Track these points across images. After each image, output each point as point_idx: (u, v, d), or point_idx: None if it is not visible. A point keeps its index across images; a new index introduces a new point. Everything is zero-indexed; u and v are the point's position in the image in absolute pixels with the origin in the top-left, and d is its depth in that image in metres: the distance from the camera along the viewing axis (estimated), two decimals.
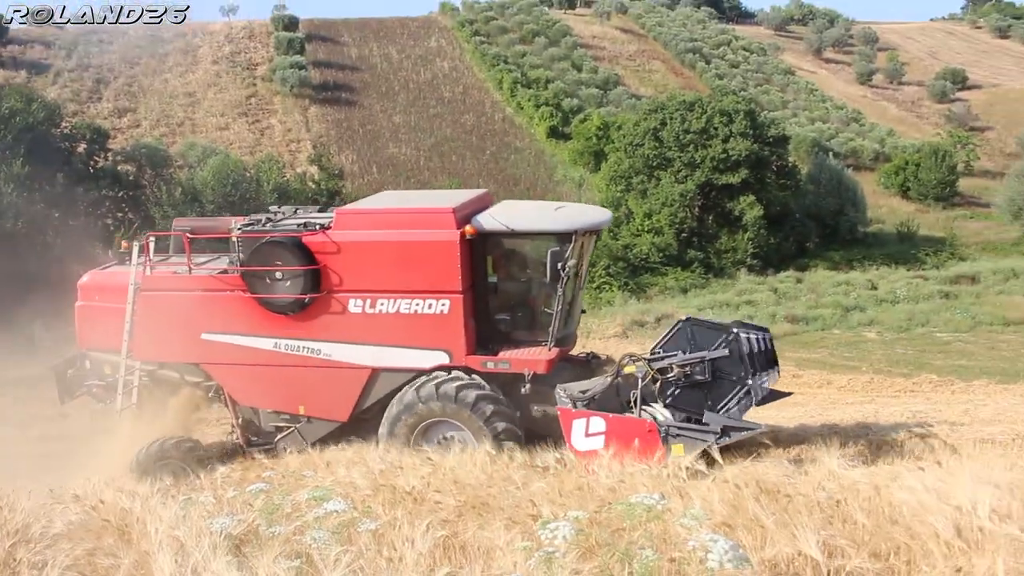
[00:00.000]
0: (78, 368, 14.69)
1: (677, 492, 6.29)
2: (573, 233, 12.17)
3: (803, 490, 6.15)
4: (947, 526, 4.45)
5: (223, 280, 13.26)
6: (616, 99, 77.87)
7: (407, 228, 12.62)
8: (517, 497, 7.56)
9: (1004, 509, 4.70)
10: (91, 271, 15.03)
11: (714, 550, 3.44)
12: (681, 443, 10.73)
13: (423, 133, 71.02)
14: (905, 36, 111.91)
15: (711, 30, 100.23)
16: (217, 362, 13.48)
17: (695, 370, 11.90)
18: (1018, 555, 4.13)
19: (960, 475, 5.48)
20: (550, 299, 12.46)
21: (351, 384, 12.92)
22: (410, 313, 12.46)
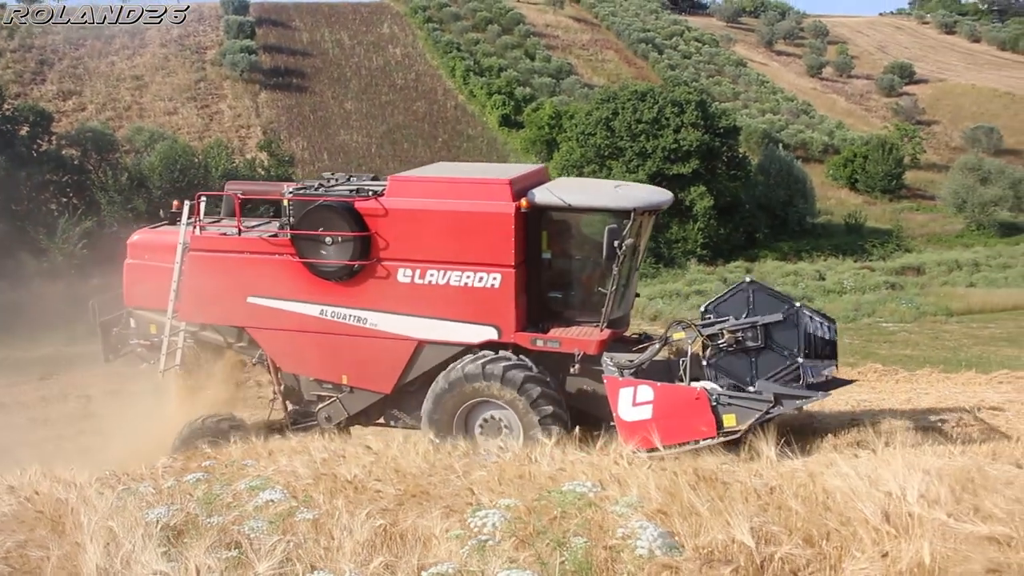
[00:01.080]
0: (123, 326, 14.56)
1: (616, 479, 6.30)
2: (632, 211, 11.81)
3: (740, 477, 6.20)
4: (875, 512, 4.50)
5: (272, 243, 13.03)
6: (569, 88, 78.02)
7: (462, 198, 12.31)
8: (457, 486, 7.54)
9: (933, 495, 4.76)
10: (141, 229, 15.00)
11: (643, 537, 3.43)
12: (732, 412, 10.56)
13: (375, 120, 70.62)
14: (854, 30, 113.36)
15: (664, 20, 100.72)
16: (262, 327, 13.26)
17: (747, 335, 11.47)
18: (945, 539, 4.18)
19: (893, 462, 5.54)
20: (604, 278, 12.13)
21: (396, 355, 12.66)
22: (460, 286, 12.15)
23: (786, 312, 11.32)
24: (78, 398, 23.47)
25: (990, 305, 43.18)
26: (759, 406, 10.54)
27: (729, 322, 11.52)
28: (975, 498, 4.80)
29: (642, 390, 10.87)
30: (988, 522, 4.32)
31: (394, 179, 12.88)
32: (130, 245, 14.37)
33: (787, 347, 11.35)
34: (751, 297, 11.66)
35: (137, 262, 14.24)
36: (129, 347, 14.53)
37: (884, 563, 4.13)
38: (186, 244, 13.50)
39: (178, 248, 13.56)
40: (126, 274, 14.31)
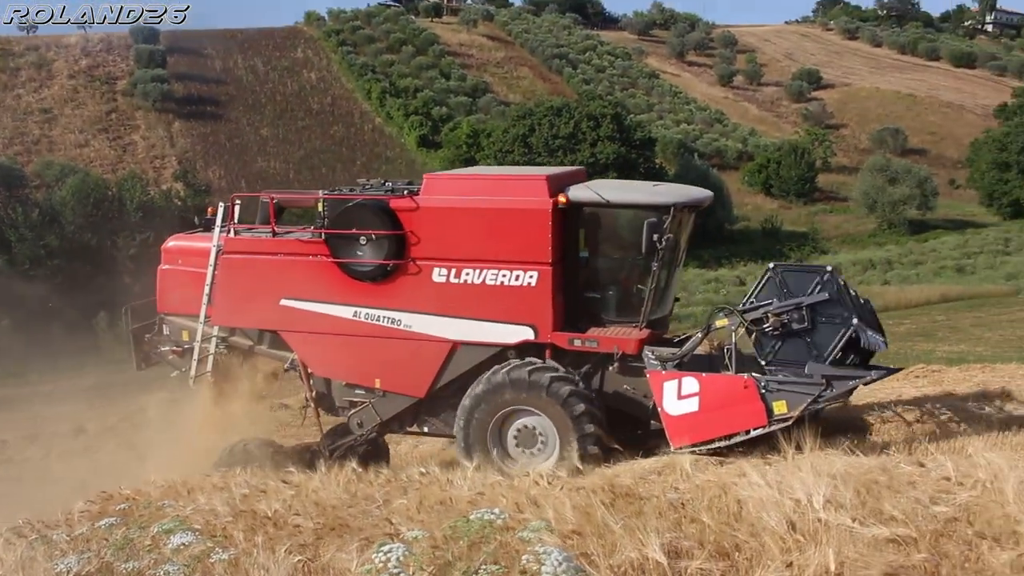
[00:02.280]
0: (156, 333, 14.19)
1: (533, 502, 6.29)
2: (671, 207, 11.46)
3: (655, 492, 6.24)
4: (781, 521, 4.56)
5: (306, 244, 12.72)
6: (485, 106, 78.33)
7: (498, 195, 12.02)
8: (377, 516, 7.46)
9: (839, 499, 4.84)
10: (175, 235, 14.62)
11: (548, 563, 3.42)
12: (783, 399, 10.23)
13: (292, 145, 70.01)
14: (762, 39, 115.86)
15: (577, 36, 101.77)
16: (295, 329, 12.90)
17: (792, 318, 10.98)
18: (849, 544, 4.24)
19: (803, 468, 5.63)
20: (644, 276, 11.78)
21: (430, 358, 12.26)
22: (496, 285, 11.77)
23: (824, 284, 10.84)
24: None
25: (904, 301, 44.33)
26: (810, 390, 10.25)
27: (773, 304, 11.06)
28: (879, 501, 4.89)
29: (687, 382, 10.62)
30: (890, 524, 4.40)
31: (429, 177, 12.63)
32: (164, 251, 14.15)
33: (835, 315, 10.86)
34: (781, 280, 11.24)
35: (171, 267, 14.00)
36: (160, 354, 14.21)
37: (791, 572, 4.17)
38: (220, 247, 13.20)
39: (212, 251, 13.26)
40: (159, 280, 14.10)
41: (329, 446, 13.56)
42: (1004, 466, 4.68)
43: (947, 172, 79.19)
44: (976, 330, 35.78)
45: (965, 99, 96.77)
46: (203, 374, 13.50)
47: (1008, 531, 4.11)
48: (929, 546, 4.17)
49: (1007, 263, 55.17)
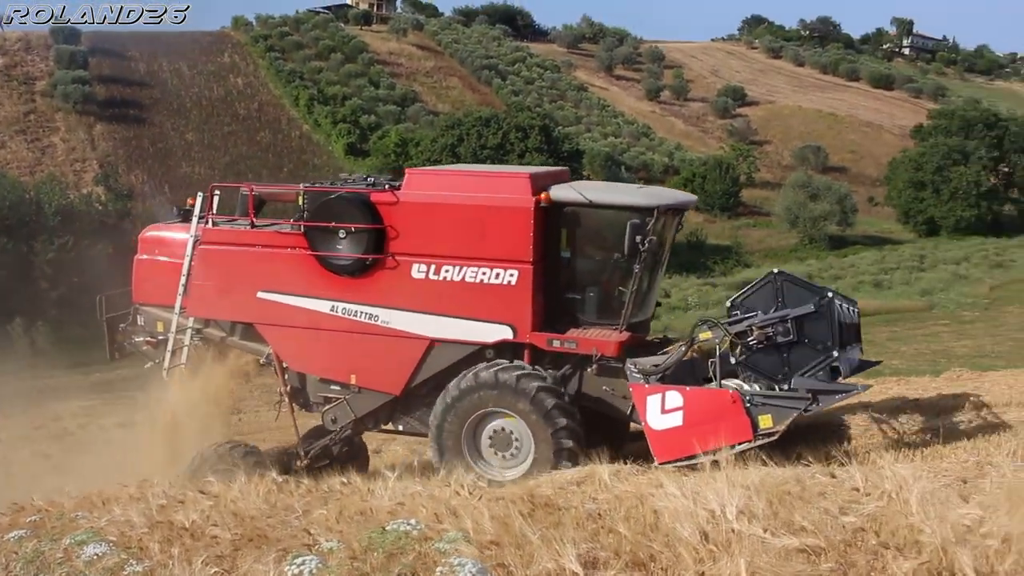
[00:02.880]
0: (130, 323, 13.93)
1: (452, 512, 6.29)
2: (655, 209, 11.35)
3: (574, 502, 6.28)
4: (694, 531, 4.62)
5: (284, 237, 12.55)
6: (414, 115, 78.16)
7: (480, 192, 11.86)
8: (295, 527, 7.37)
9: (752, 510, 4.92)
10: (153, 224, 14.32)
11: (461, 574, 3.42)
12: (768, 413, 10.07)
13: (217, 151, 69.04)
14: (689, 55, 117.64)
15: (506, 47, 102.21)
16: (271, 322, 12.67)
17: (777, 331, 10.87)
18: (761, 554, 4.32)
19: (719, 479, 5.71)
20: (625, 279, 11.62)
21: (407, 355, 12.07)
22: (475, 282, 11.61)
23: (818, 304, 10.80)
24: None
25: None
26: (796, 404, 10.16)
27: (757, 317, 11.01)
28: (790, 511, 4.99)
29: (671, 396, 10.47)
30: (800, 534, 4.49)
31: (411, 172, 12.53)
32: (141, 240, 13.93)
33: (820, 340, 10.82)
34: (780, 289, 11.16)
35: (147, 257, 13.76)
36: (134, 344, 13.98)
37: None
38: (197, 237, 13.02)
39: (188, 240, 13.07)
40: (135, 269, 13.85)
41: (306, 448, 13.36)
42: (909, 477, 4.81)
43: (866, 190, 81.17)
44: (892, 344, 36.72)
45: (883, 119, 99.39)
46: (177, 366, 13.25)
47: (911, 540, 4.23)
48: (837, 555, 4.27)
49: (921, 279, 56.74)
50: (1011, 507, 4.58)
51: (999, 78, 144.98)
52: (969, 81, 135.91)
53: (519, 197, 11.50)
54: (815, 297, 10.89)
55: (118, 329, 14.10)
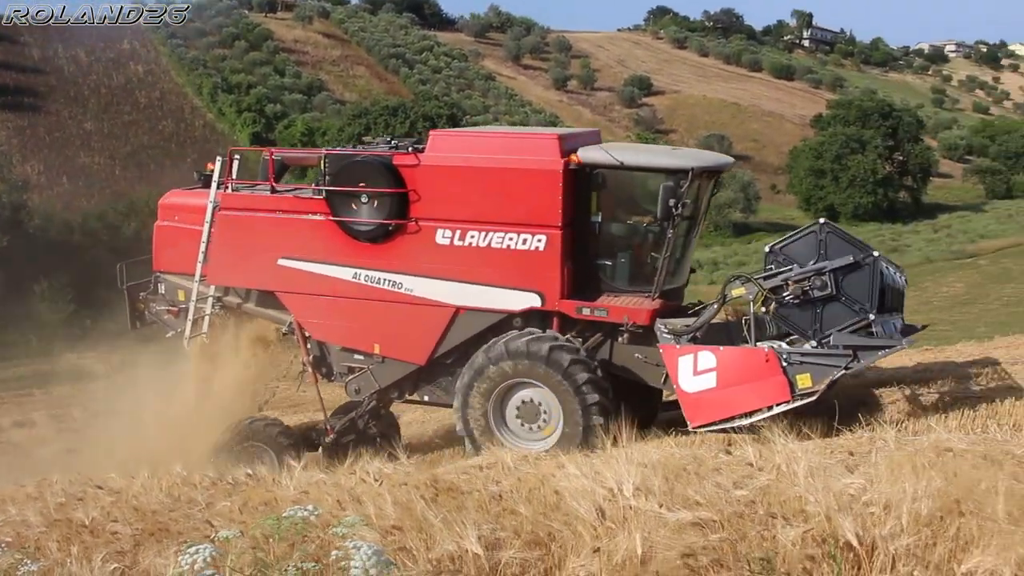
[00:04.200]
0: (151, 292, 13.53)
1: (356, 499, 6.29)
2: (689, 171, 10.79)
3: (478, 486, 6.34)
4: (591, 509, 4.72)
5: (305, 202, 12.10)
6: (320, 104, 77.33)
7: (506, 153, 11.41)
8: (198, 519, 7.30)
9: (648, 487, 5.04)
10: (173, 190, 13.89)
11: (356, 557, 3.43)
12: (807, 372, 9.60)
13: (118, 140, 67.25)
14: (596, 45, 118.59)
15: (413, 36, 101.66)
16: (292, 290, 12.27)
17: (814, 284, 10.20)
18: (656, 529, 4.42)
19: (618, 459, 5.82)
20: (658, 244, 11.11)
21: (432, 323, 11.66)
22: (501, 248, 11.14)
23: (859, 258, 10.17)
24: None
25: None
26: (836, 362, 9.64)
27: (793, 271, 10.35)
28: (685, 487, 5.12)
29: (703, 356, 10.02)
30: (694, 508, 4.62)
31: (435, 134, 12.11)
32: (161, 206, 13.55)
33: (858, 300, 10.19)
34: (824, 241, 10.46)
35: (167, 224, 13.35)
36: (155, 314, 13.60)
37: (600, 558, 4.32)
38: (216, 203, 12.58)
39: (208, 206, 12.63)
40: (156, 237, 13.49)
41: (334, 423, 13.21)
42: (798, 451, 4.99)
43: (768, 178, 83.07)
44: None
45: (785, 109, 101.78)
46: (198, 335, 12.95)
47: (797, 510, 4.39)
48: (728, 527, 4.40)
49: None
50: (892, 476, 4.78)
51: (893, 70, 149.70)
52: (865, 72, 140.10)
53: (547, 159, 11.08)
54: (861, 253, 10.26)
55: (138, 298, 13.75)
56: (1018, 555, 3.59)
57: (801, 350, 9.94)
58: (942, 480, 4.54)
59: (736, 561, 4.18)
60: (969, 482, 4.48)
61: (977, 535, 3.97)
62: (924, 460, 5.00)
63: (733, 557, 4.21)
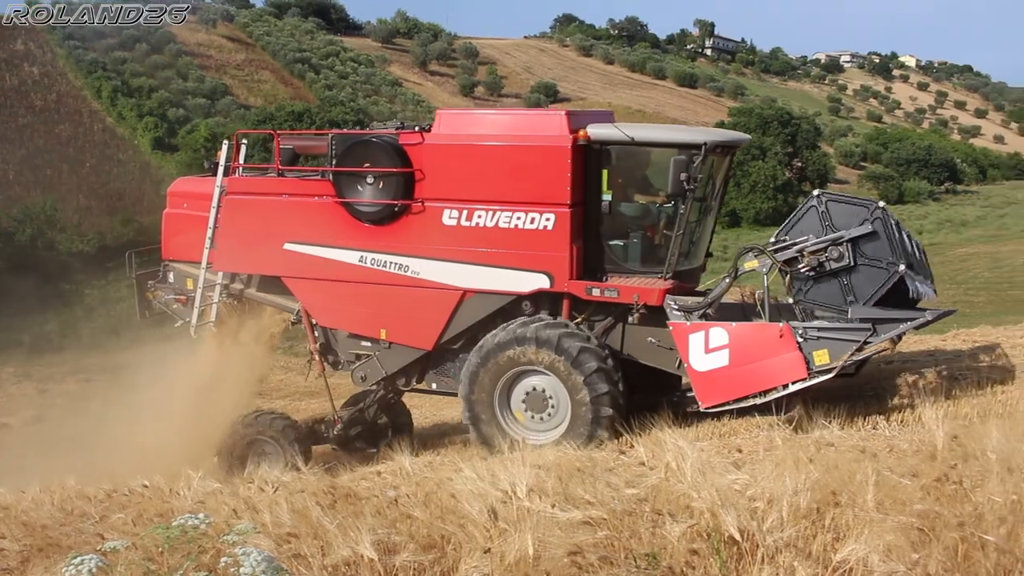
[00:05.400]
0: (159, 280, 13.36)
1: (252, 507, 6.24)
2: (702, 145, 10.48)
3: (375, 492, 6.35)
4: (482, 511, 4.77)
5: (311, 184, 11.90)
6: (225, 109, 75.95)
7: (513, 130, 11.18)
8: (90, 533, 7.14)
9: (542, 488, 5.12)
10: (182, 178, 13.94)
11: (246, 563, 3.42)
12: (824, 347, 9.25)
13: (12, 144, 64.87)
14: (503, 51, 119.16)
15: (320, 41, 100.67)
16: (298, 275, 12.01)
17: (831, 255, 9.88)
18: (550, 528, 4.49)
19: (514, 461, 5.89)
20: (671, 221, 10.84)
21: (438, 307, 11.43)
22: (509, 228, 10.92)
23: (871, 216, 9.80)
24: None
25: None
26: (855, 336, 9.32)
27: (809, 241, 10.02)
28: (580, 486, 5.21)
29: (715, 333, 9.73)
30: (585, 507, 4.70)
31: (442, 113, 11.89)
32: (169, 194, 13.46)
33: (881, 256, 9.80)
34: (826, 211, 10.10)
35: (176, 211, 13.21)
36: (164, 303, 13.39)
37: (492, 559, 4.37)
38: (223, 188, 12.37)
39: (215, 191, 12.42)
40: (164, 224, 13.35)
41: (343, 414, 13.18)
42: (687, 449, 5.11)
43: None
44: None
45: (688, 116, 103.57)
46: (205, 324, 12.73)
47: (683, 506, 4.51)
48: (617, 524, 4.50)
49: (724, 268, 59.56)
50: (776, 472, 4.94)
51: (792, 79, 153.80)
52: (765, 81, 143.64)
53: (555, 135, 10.89)
54: (866, 211, 9.94)
55: (147, 287, 13.62)
56: (886, 542, 3.74)
57: (817, 325, 9.63)
58: (820, 473, 4.72)
59: (625, 558, 4.28)
60: (846, 474, 4.67)
61: (852, 525, 4.13)
62: (806, 455, 5.19)
63: (622, 554, 4.31)
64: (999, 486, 4.22)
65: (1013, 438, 4.74)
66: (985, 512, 4.02)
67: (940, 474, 4.49)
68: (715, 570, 4.08)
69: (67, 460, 13.44)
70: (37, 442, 18.98)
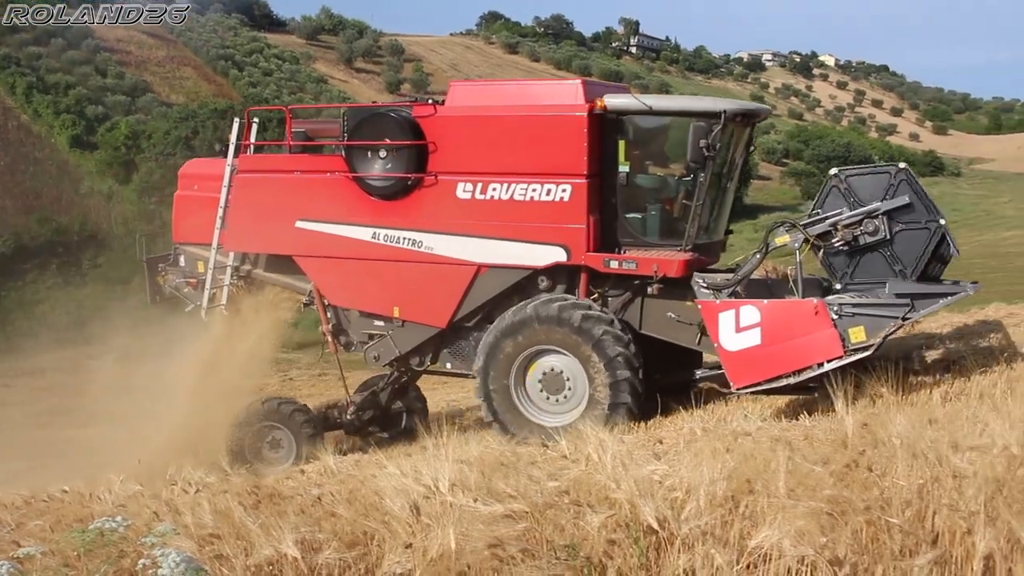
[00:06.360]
0: (170, 263, 13.14)
1: (174, 509, 6.18)
2: (721, 113, 10.24)
3: (300, 491, 6.33)
4: (404, 506, 4.79)
5: (323, 160, 11.78)
6: (145, 106, 74.46)
7: (528, 100, 10.93)
8: (5, 540, 6.99)
9: (465, 482, 5.16)
10: (193, 160, 14.00)
11: (164, 564, 3.40)
12: (860, 324, 8.93)
13: None
14: (428, 49, 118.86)
15: (243, 38, 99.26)
16: (310, 253, 11.76)
17: (866, 228, 9.51)
18: (472, 522, 4.53)
19: (438, 456, 5.92)
20: (690, 193, 10.58)
21: (453, 283, 11.18)
22: (524, 200, 10.67)
23: (895, 179, 9.48)
24: None
25: None
26: (893, 312, 9.02)
27: (843, 215, 9.65)
28: (503, 480, 5.26)
29: (746, 311, 9.37)
30: (506, 501, 4.75)
31: (456, 84, 11.73)
32: (180, 176, 13.38)
33: (918, 218, 9.50)
34: (848, 188, 9.75)
35: (187, 193, 13.00)
36: (175, 287, 13.15)
37: (415, 554, 4.40)
38: (234, 167, 12.15)
39: (226, 170, 12.20)
40: (175, 207, 13.15)
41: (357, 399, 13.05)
42: (609, 441, 5.20)
43: None
44: None
45: None
46: (216, 307, 12.50)
47: (603, 497, 4.58)
48: (539, 517, 4.55)
49: None
50: (695, 462, 5.05)
51: (715, 77, 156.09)
52: (690, 79, 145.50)
53: (571, 104, 10.68)
54: (889, 177, 9.63)
55: (158, 271, 13.42)
56: (797, 527, 3.85)
57: (853, 301, 9.32)
58: (737, 462, 4.84)
59: (548, 550, 4.33)
60: (761, 463, 4.79)
61: (766, 511, 4.24)
62: (723, 445, 5.31)
63: (543, 546, 4.37)
64: (905, 471, 4.37)
65: (918, 424, 4.92)
66: (891, 496, 4.16)
67: (850, 460, 4.63)
68: (634, 560, 4.15)
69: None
70: None
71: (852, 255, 9.81)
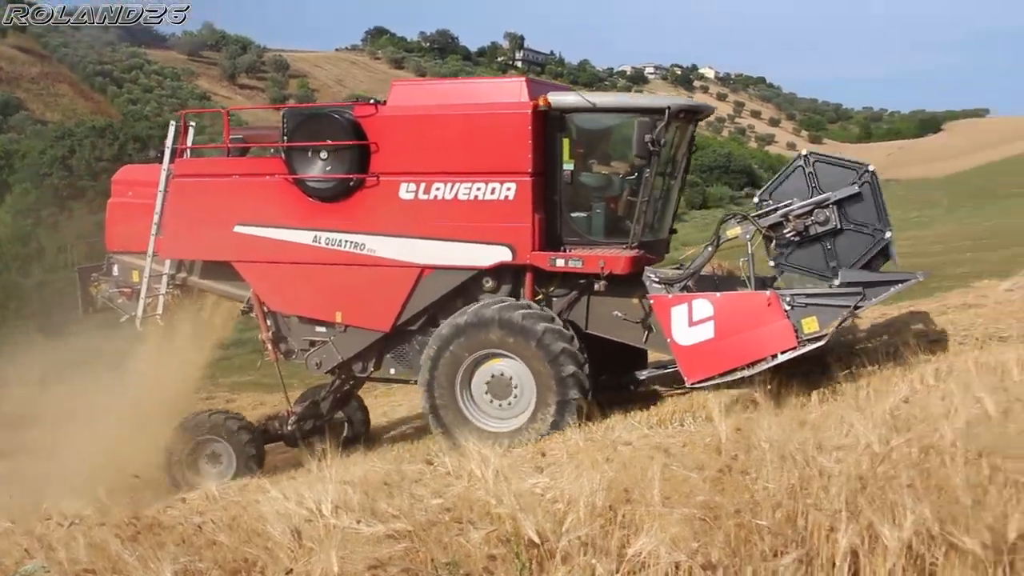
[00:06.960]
0: (104, 273, 12.43)
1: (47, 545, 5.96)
2: (666, 109, 10.23)
3: (180, 520, 6.19)
4: (285, 531, 4.75)
5: (262, 163, 11.42)
6: (19, 125, 71.76)
7: (471, 98, 10.75)
8: None
9: (347, 503, 5.13)
10: (127, 166, 13.42)
11: None
12: (812, 315, 8.91)
13: None
14: (314, 64, 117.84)
15: (122, 53, 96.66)
16: (249, 259, 11.31)
17: (817, 219, 9.52)
18: (355, 544, 4.51)
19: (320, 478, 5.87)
20: (635, 189, 10.52)
21: (396, 286, 10.90)
22: (469, 200, 10.50)
23: (860, 179, 9.49)
24: None
25: None
26: (844, 302, 9.02)
27: (793, 205, 9.67)
28: (386, 500, 5.25)
29: (698, 305, 9.33)
30: (389, 521, 4.75)
31: (397, 83, 11.46)
32: (114, 182, 12.82)
33: (866, 222, 9.55)
34: (813, 173, 9.69)
35: (121, 200, 12.48)
36: (108, 297, 12.48)
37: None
38: (170, 172, 11.68)
39: (161, 175, 11.71)
40: (109, 214, 12.63)
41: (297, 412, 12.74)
42: (491, 456, 5.23)
43: None
44: None
45: None
46: (151, 317, 12.01)
47: (485, 513, 4.62)
48: (421, 535, 4.56)
49: None
50: (576, 474, 5.12)
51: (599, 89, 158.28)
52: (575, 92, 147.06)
53: (515, 102, 10.61)
54: (855, 174, 9.67)
55: (90, 280, 12.77)
56: (672, 534, 3.95)
57: (805, 292, 9.36)
58: (616, 472, 4.93)
59: (430, 569, 4.34)
60: (638, 472, 4.88)
61: (643, 520, 4.33)
62: (603, 456, 5.40)
63: (427, 564, 4.37)
64: (774, 473, 4.52)
65: (787, 428, 5.09)
66: (761, 499, 4.29)
67: (723, 465, 4.76)
68: (515, 574, 4.20)
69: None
70: None
71: (802, 245, 9.92)
